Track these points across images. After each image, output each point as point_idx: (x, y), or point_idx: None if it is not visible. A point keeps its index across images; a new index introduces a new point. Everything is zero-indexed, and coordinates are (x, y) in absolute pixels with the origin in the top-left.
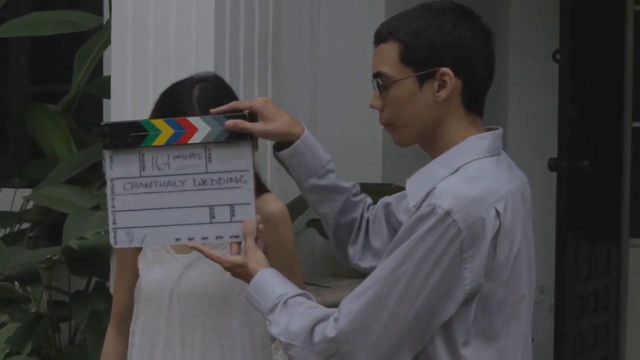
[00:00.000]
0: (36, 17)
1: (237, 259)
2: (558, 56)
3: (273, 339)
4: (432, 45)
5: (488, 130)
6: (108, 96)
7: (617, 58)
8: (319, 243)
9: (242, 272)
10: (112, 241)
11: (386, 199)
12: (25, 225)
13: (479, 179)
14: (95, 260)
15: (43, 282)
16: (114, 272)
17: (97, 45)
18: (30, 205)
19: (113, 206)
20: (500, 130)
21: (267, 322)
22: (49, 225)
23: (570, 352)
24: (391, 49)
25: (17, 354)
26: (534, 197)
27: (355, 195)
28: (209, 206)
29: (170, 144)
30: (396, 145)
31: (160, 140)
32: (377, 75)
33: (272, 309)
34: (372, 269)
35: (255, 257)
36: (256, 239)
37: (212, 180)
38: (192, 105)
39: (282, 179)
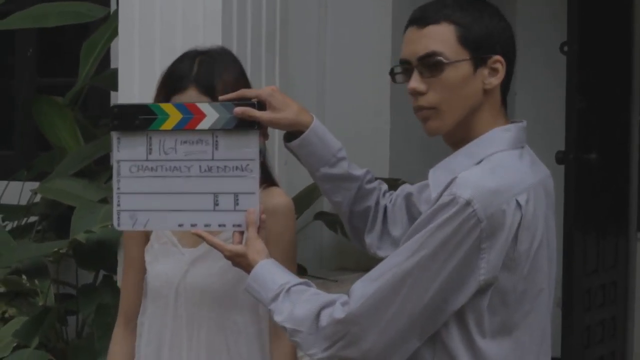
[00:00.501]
0: (42, 9)
1: (238, 248)
2: (566, 48)
3: None
4: (487, 31)
5: (512, 122)
6: (115, 88)
7: (625, 50)
8: (326, 236)
9: (242, 262)
10: (115, 223)
11: (407, 187)
12: (32, 219)
13: (501, 170)
14: (102, 253)
15: (50, 275)
16: (121, 265)
17: (104, 37)
18: (37, 198)
19: (118, 188)
20: (524, 123)
21: (270, 311)
22: (57, 219)
23: (577, 346)
24: (447, 31)
25: (25, 347)
26: None
27: (369, 182)
28: (214, 193)
29: (178, 129)
30: (405, 139)
31: (169, 124)
32: (429, 55)
33: (275, 298)
34: None
35: (256, 247)
36: (258, 230)
37: (217, 167)
38: (189, 79)
39: (290, 172)
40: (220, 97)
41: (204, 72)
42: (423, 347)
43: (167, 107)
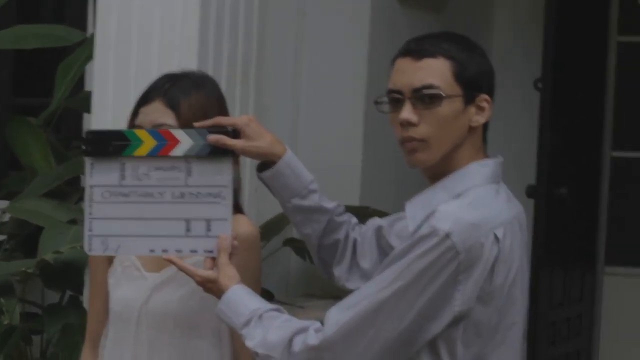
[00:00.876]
0: (21, 30)
1: (209, 273)
2: (540, 84)
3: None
4: (478, 70)
5: (489, 158)
6: (89, 111)
7: (598, 88)
8: (294, 263)
9: (212, 288)
10: (86, 248)
11: (377, 220)
12: (0, 237)
13: (479, 205)
14: (69, 274)
15: (17, 294)
16: (87, 286)
17: (80, 60)
18: (6, 217)
19: (90, 213)
20: (500, 159)
21: (242, 336)
22: (25, 238)
23: None
24: (443, 65)
25: None
26: None
27: (340, 215)
28: (186, 219)
29: (152, 155)
30: (376, 170)
31: (142, 151)
32: (426, 87)
33: (246, 323)
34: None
35: (227, 273)
36: (230, 256)
37: (190, 193)
38: (157, 92)
39: (260, 198)
40: (196, 124)
41: (174, 88)
42: None
43: (141, 133)
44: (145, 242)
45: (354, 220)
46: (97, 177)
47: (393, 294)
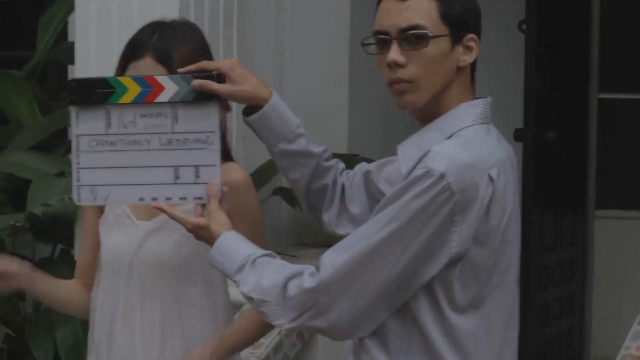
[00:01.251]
0: None
1: (200, 221)
2: (524, 26)
3: (237, 307)
4: (467, 8)
5: (478, 98)
6: (73, 62)
7: (584, 29)
8: (285, 212)
9: (204, 235)
10: (75, 198)
11: (365, 166)
12: None
13: (473, 145)
14: (60, 227)
15: (7, 249)
16: (79, 239)
17: (62, 11)
18: None
19: (78, 163)
20: (489, 99)
21: (235, 282)
22: (14, 192)
23: (535, 323)
24: (430, 5)
25: None
26: None
27: (327, 160)
28: (174, 167)
29: (138, 102)
30: (363, 115)
31: (127, 98)
32: (412, 28)
33: (240, 269)
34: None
35: (218, 219)
36: (220, 202)
37: (178, 140)
38: (146, 47)
39: (249, 147)
40: (180, 70)
41: (162, 41)
42: (393, 319)
43: (125, 80)
44: (135, 191)
45: (342, 165)
46: (83, 126)
47: (389, 236)
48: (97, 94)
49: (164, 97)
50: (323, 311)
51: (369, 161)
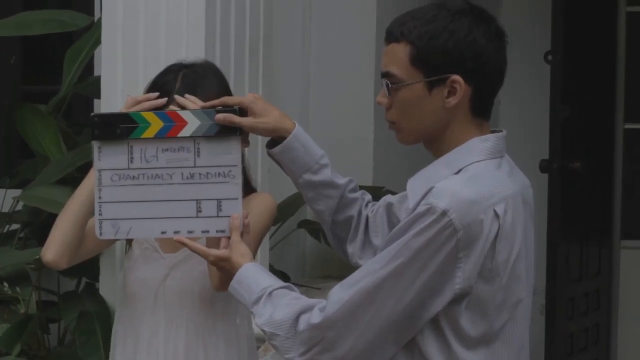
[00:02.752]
0: (26, 17)
1: (222, 252)
2: (550, 57)
3: (261, 341)
4: (444, 50)
5: (492, 132)
6: (99, 96)
7: (609, 59)
8: (309, 244)
9: (226, 266)
10: (97, 232)
11: (389, 197)
12: (15, 226)
13: (478, 180)
14: (85, 260)
15: (32, 282)
16: (103, 273)
17: (88, 45)
18: (20, 205)
19: (100, 197)
20: (504, 133)
21: (252, 314)
22: (39, 226)
23: (561, 354)
24: (402, 51)
25: (6, 355)
26: None
27: (352, 191)
28: (196, 200)
29: (160, 137)
30: (388, 147)
31: (150, 132)
32: (386, 75)
33: (257, 301)
34: None
35: (239, 250)
36: (242, 234)
37: (200, 174)
38: (174, 91)
39: (273, 180)
40: (202, 105)
41: (186, 87)
42: (402, 353)
43: (148, 115)
44: (157, 224)
45: (368, 197)
46: (105, 160)
47: (393, 272)
48: (120, 128)
49: (186, 132)
50: (330, 346)
51: (394, 193)
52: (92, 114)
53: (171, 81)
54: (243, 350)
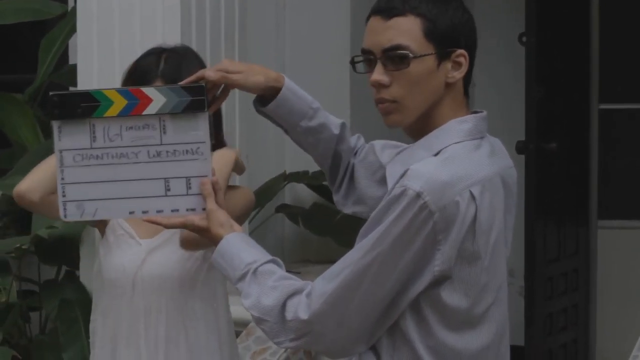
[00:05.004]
0: None
1: (201, 223)
2: (524, 38)
3: (241, 325)
4: (452, 24)
5: (473, 113)
6: (75, 84)
7: (583, 40)
8: (288, 229)
9: (208, 237)
10: (61, 214)
11: (375, 143)
12: None
13: (454, 161)
14: (65, 249)
15: (13, 271)
16: (84, 261)
17: (63, 33)
18: None
19: (62, 178)
20: (484, 113)
21: (237, 289)
22: (18, 215)
23: (540, 334)
24: (413, 24)
25: None
26: None
27: (346, 133)
28: (164, 179)
29: (124, 115)
30: (364, 133)
31: (113, 111)
32: (395, 48)
33: (241, 278)
34: (355, 214)
35: (218, 220)
36: (216, 197)
37: (167, 152)
38: (155, 74)
39: (251, 165)
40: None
41: (169, 67)
42: (385, 336)
43: (110, 93)
44: (124, 205)
45: (360, 142)
46: (66, 140)
47: (373, 260)
48: (81, 107)
49: (151, 109)
50: (318, 338)
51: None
52: (50, 92)
53: (154, 62)
54: (223, 334)
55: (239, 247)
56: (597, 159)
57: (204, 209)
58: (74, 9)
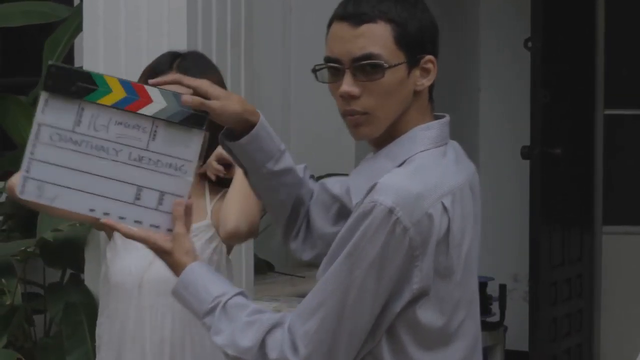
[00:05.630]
0: (5, 9)
1: (164, 245)
2: (530, 44)
3: None
4: (421, 28)
5: (436, 118)
6: None
7: (588, 45)
8: None
9: (167, 260)
10: (18, 189)
11: (321, 181)
12: None
13: (423, 172)
14: (70, 252)
15: (17, 274)
16: (88, 264)
17: (67, 35)
18: (2, 197)
19: (32, 153)
20: (447, 118)
21: (203, 324)
22: (23, 218)
23: (544, 340)
24: (384, 30)
25: None
26: (507, 185)
27: (307, 177)
28: (137, 186)
29: (117, 107)
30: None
31: (108, 100)
32: (366, 57)
33: (209, 312)
34: (315, 260)
35: (184, 247)
36: (187, 223)
37: (149, 159)
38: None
39: None
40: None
41: (184, 66)
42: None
43: (111, 81)
44: (87, 200)
45: (312, 179)
46: (49, 115)
47: (351, 286)
48: (77, 86)
49: (148, 110)
50: None
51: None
52: (50, 62)
53: (169, 61)
54: None
55: (205, 278)
56: (602, 165)
57: (169, 230)
58: (77, 9)
